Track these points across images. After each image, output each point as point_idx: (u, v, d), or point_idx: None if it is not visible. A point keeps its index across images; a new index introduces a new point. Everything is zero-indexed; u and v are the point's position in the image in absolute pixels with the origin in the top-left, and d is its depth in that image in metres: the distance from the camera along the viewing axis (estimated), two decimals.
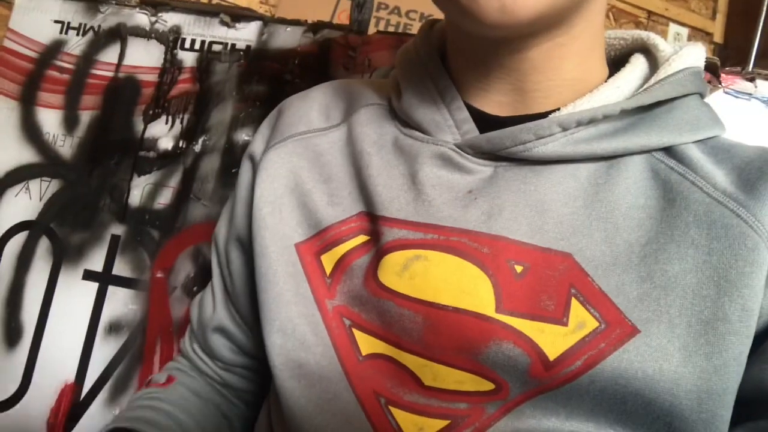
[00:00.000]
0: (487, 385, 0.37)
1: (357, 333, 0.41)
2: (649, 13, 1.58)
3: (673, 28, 1.60)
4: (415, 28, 1.00)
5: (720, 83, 0.61)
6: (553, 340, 0.36)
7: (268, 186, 0.46)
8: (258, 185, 0.46)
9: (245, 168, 0.50)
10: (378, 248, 0.40)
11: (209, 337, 0.52)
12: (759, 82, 0.60)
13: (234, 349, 0.53)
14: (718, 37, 1.66)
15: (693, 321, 0.35)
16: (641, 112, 0.39)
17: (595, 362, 0.35)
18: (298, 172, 0.45)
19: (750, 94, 0.60)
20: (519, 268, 0.37)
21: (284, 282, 0.43)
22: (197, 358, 0.54)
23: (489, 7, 0.32)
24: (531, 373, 0.36)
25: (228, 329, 0.52)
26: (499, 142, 0.38)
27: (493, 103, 0.41)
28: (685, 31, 1.62)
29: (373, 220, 0.41)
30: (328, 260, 0.43)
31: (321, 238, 0.43)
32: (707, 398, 0.34)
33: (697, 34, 1.64)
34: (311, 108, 0.49)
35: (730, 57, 1.59)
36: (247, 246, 0.50)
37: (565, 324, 0.36)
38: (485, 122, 0.41)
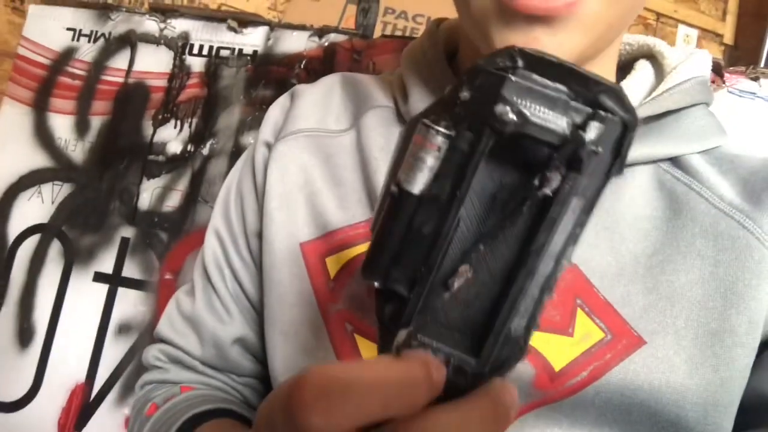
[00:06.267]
0: None
1: (359, 339, 0.41)
2: (658, 14, 1.57)
3: (682, 29, 1.58)
4: (421, 32, 1.01)
5: (724, 83, 0.60)
6: (558, 351, 0.35)
7: (278, 179, 0.45)
8: (268, 176, 0.45)
9: (260, 156, 0.47)
10: None
11: (228, 352, 0.48)
12: (763, 81, 0.60)
13: (252, 359, 0.50)
14: (728, 39, 1.65)
15: (700, 333, 0.34)
16: (649, 121, 0.39)
17: (600, 373, 0.34)
18: (309, 169, 0.45)
19: (754, 93, 0.60)
20: None
21: (289, 282, 0.43)
22: (208, 378, 0.50)
23: None
24: (535, 385, 0.35)
25: (248, 338, 0.48)
26: None
27: None
28: (694, 33, 1.60)
29: None
30: (333, 263, 0.42)
31: (327, 241, 0.43)
32: (713, 411, 0.34)
33: (707, 35, 1.63)
34: (322, 105, 0.48)
35: (740, 58, 1.58)
36: None
37: (571, 334, 0.35)
38: None
